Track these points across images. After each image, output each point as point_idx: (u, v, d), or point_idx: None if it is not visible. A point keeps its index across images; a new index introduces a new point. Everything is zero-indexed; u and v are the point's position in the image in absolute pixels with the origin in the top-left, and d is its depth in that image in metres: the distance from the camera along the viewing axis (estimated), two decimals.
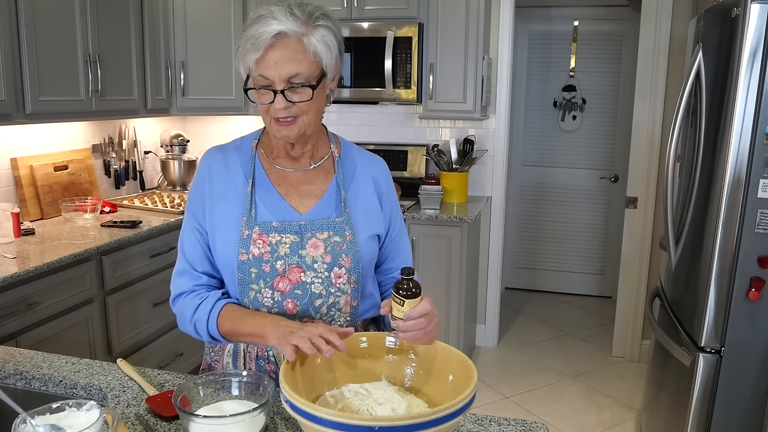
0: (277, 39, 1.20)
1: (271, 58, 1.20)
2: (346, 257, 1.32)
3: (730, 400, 2.20)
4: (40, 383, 1.35)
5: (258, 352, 1.35)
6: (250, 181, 1.35)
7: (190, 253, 1.37)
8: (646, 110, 3.70)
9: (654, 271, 3.81)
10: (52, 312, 2.45)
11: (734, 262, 2.10)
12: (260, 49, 1.20)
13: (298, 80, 1.22)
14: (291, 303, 1.32)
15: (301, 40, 1.21)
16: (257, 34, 1.20)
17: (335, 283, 1.32)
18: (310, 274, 1.31)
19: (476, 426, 1.18)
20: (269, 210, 1.34)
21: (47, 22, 2.71)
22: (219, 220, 1.34)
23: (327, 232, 1.32)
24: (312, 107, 1.26)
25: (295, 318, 1.31)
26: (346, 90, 3.65)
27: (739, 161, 2.06)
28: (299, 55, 1.21)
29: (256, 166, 1.38)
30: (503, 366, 3.85)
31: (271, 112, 1.26)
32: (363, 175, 1.41)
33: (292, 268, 1.31)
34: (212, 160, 1.39)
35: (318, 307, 1.33)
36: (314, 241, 1.31)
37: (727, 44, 2.11)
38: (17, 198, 3.03)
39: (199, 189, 1.37)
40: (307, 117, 1.27)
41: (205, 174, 1.37)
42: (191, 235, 1.37)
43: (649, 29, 3.63)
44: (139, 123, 3.86)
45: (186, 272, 1.37)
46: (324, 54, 1.24)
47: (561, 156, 5.01)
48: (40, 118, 2.77)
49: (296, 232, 1.31)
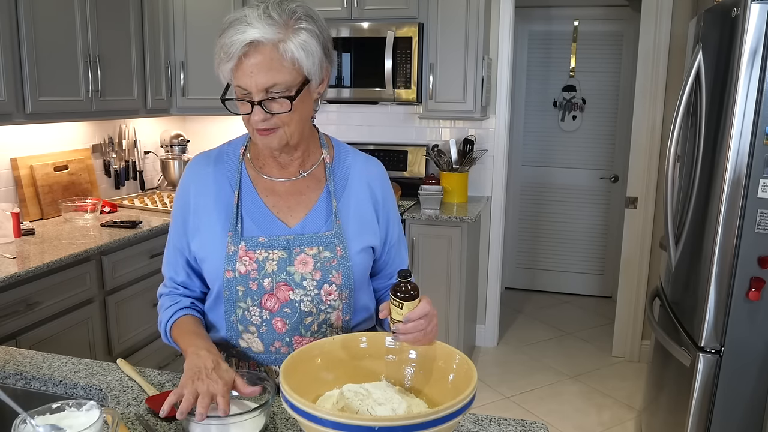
0: (251, 47, 1.12)
1: (247, 68, 1.13)
2: (336, 273, 1.26)
3: (730, 400, 2.19)
4: (40, 383, 1.35)
5: (249, 366, 1.34)
6: (236, 192, 1.29)
7: (172, 262, 1.36)
8: (646, 110, 3.70)
9: (654, 271, 3.81)
10: (52, 312, 2.45)
11: (734, 262, 2.10)
12: (233, 59, 1.13)
13: (276, 90, 1.14)
14: (280, 321, 1.27)
15: (277, 46, 1.12)
16: (230, 42, 1.12)
17: (326, 300, 1.27)
18: (299, 292, 1.26)
19: (476, 426, 1.18)
20: (255, 224, 1.27)
21: (47, 22, 2.71)
22: (204, 234, 1.29)
23: (317, 247, 1.26)
24: (293, 118, 1.19)
25: (284, 337, 1.28)
26: (346, 90, 3.65)
27: (739, 161, 2.06)
28: (276, 63, 1.13)
29: (243, 176, 1.31)
30: (503, 366, 3.85)
31: (251, 123, 1.20)
32: (357, 182, 1.34)
33: (280, 285, 1.25)
34: (196, 171, 1.34)
35: (308, 324, 1.28)
36: (303, 257, 1.25)
37: (727, 44, 2.11)
38: (17, 198, 3.03)
39: (182, 205, 1.34)
40: (289, 128, 1.20)
41: (187, 189, 1.33)
42: (171, 247, 1.36)
43: (649, 29, 3.63)
44: (139, 123, 3.86)
45: (166, 278, 1.38)
46: (304, 60, 1.15)
47: (561, 156, 5.01)
48: (40, 118, 2.77)
49: (284, 248, 1.25)
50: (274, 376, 1.32)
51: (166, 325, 1.31)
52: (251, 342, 1.31)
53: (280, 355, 1.31)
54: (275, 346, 1.30)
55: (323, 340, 1.18)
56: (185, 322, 1.29)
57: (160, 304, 1.37)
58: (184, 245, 1.33)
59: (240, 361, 1.35)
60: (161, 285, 1.39)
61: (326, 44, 1.20)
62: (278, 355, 1.31)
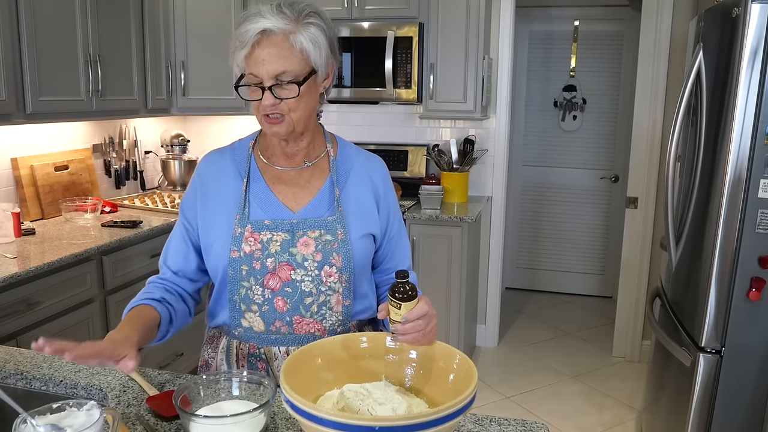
0: (263, 36, 1.21)
1: (259, 56, 1.22)
2: (337, 256, 1.32)
3: (730, 400, 2.19)
4: (40, 383, 1.35)
5: (250, 349, 1.37)
6: (245, 180, 1.37)
7: (173, 248, 1.42)
8: (646, 110, 3.69)
9: (654, 271, 3.81)
10: (52, 312, 2.45)
11: (735, 262, 2.10)
12: (247, 46, 1.22)
13: (285, 77, 1.23)
14: (281, 300, 1.33)
15: (288, 37, 1.22)
16: (244, 30, 1.22)
17: (326, 281, 1.33)
18: (300, 272, 1.32)
19: (477, 426, 1.18)
20: (262, 208, 1.35)
21: (48, 22, 2.71)
22: (213, 219, 1.36)
23: (319, 230, 1.33)
24: (300, 104, 1.27)
25: (284, 316, 1.33)
26: (347, 90, 3.65)
27: (739, 161, 2.06)
28: (286, 52, 1.22)
29: (252, 165, 1.40)
30: (504, 366, 3.85)
31: (260, 109, 1.27)
32: (359, 175, 1.41)
33: (282, 265, 1.31)
34: (207, 163, 1.42)
35: (308, 305, 1.33)
36: (305, 240, 1.32)
37: (728, 44, 2.11)
38: (18, 198, 3.03)
39: (192, 191, 1.41)
40: (296, 114, 1.28)
41: (200, 176, 1.41)
42: (178, 233, 1.42)
43: (650, 29, 3.63)
44: (139, 123, 3.86)
45: (160, 267, 1.44)
46: (312, 51, 1.25)
47: (561, 156, 5.01)
48: (40, 118, 2.77)
49: (288, 230, 1.32)
50: (273, 358, 1.36)
51: (127, 309, 1.32)
52: (253, 321, 1.35)
53: (280, 335, 1.35)
54: (276, 326, 1.34)
55: (323, 340, 1.18)
56: (137, 311, 1.30)
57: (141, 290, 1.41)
58: (191, 228, 1.39)
59: (241, 343, 1.38)
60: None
61: (332, 41, 1.31)
62: (278, 335, 1.35)
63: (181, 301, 1.40)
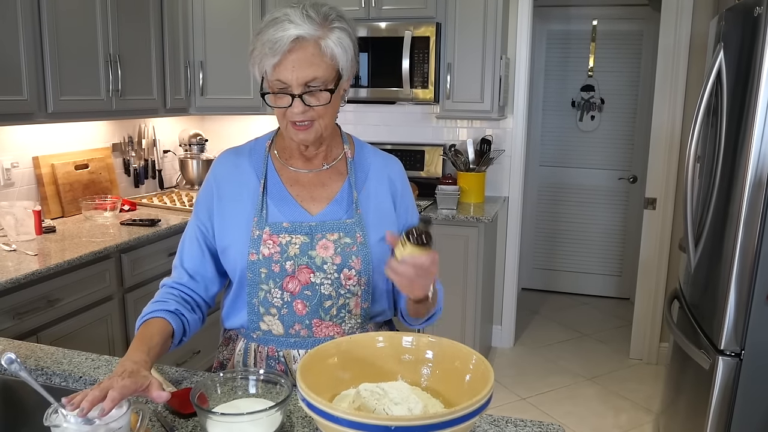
0: (296, 44, 1.18)
1: (289, 63, 1.19)
2: (356, 259, 1.31)
3: (749, 404, 2.17)
4: (60, 379, 1.37)
5: (268, 351, 1.36)
6: (262, 181, 1.35)
7: (187, 251, 1.39)
8: (665, 110, 3.66)
9: (673, 273, 3.77)
10: (72, 309, 2.48)
11: (755, 264, 2.07)
12: (278, 54, 1.18)
13: (315, 84, 1.21)
14: (300, 304, 1.32)
15: (319, 43, 1.19)
16: (275, 38, 1.18)
17: (345, 284, 1.32)
18: (319, 275, 1.30)
19: (492, 427, 1.17)
20: (280, 211, 1.33)
21: (69, 22, 2.75)
22: (230, 221, 1.34)
23: (337, 233, 1.32)
24: (329, 110, 1.26)
25: (304, 319, 1.32)
26: (364, 90, 3.65)
27: (760, 162, 2.03)
28: (317, 59, 1.20)
29: (269, 167, 1.38)
30: (519, 367, 3.83)
31: (288, 116, 1.25)
32: (377, 176, 1.40)
33: (302, 268, 1.30)
34: (223, 162, 1.40)
35: (328, 308, 1.33)
36: (324, 242, 1.31)
37: (749, 44, 2.08)
38: (39, 196, 3.07)
39: (207, 191, 1.39)
40: (324, 120, 1.26)
41: (215, 177, 1.39)
42: (192, 234, 1.39)
43: (669, 28, 3.59)
44: (158, 122, 3.89)
45: (175, 268, 1.41)
46: (341, 56, 1.22)
47: (579, 156, 4.97)
48: (61, 117, 2.80)
49: (306, 233, 1.31)
50: (291, 361, 1.35)
51: (141, 319, 1.32)
52: (272, 325, 1.34)
53: (299, 338, 1.34)
54: (295, 329, 1.34)
55: (340, 339, 1.18)
56: (150, 325, 1.28)
57: (156, 294, 1.38)
58: (206, 230, 1.37)
59: (259, 346, 1.37)
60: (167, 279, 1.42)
61: (356, 43, 1.28)
62: (297, 338, 1.34)
63: (196, 309, 1.38)
